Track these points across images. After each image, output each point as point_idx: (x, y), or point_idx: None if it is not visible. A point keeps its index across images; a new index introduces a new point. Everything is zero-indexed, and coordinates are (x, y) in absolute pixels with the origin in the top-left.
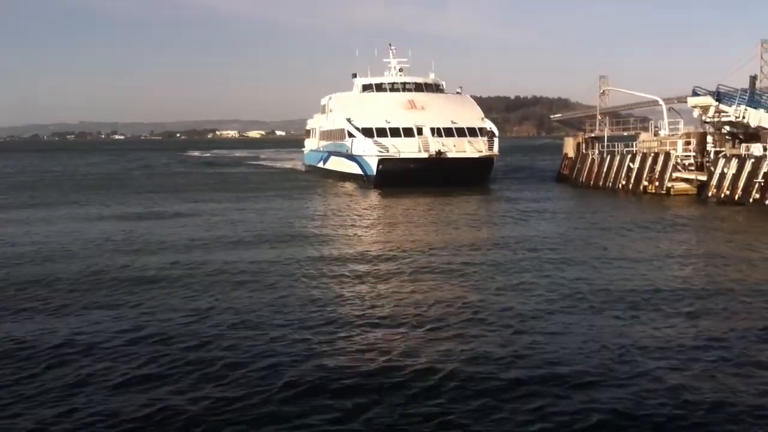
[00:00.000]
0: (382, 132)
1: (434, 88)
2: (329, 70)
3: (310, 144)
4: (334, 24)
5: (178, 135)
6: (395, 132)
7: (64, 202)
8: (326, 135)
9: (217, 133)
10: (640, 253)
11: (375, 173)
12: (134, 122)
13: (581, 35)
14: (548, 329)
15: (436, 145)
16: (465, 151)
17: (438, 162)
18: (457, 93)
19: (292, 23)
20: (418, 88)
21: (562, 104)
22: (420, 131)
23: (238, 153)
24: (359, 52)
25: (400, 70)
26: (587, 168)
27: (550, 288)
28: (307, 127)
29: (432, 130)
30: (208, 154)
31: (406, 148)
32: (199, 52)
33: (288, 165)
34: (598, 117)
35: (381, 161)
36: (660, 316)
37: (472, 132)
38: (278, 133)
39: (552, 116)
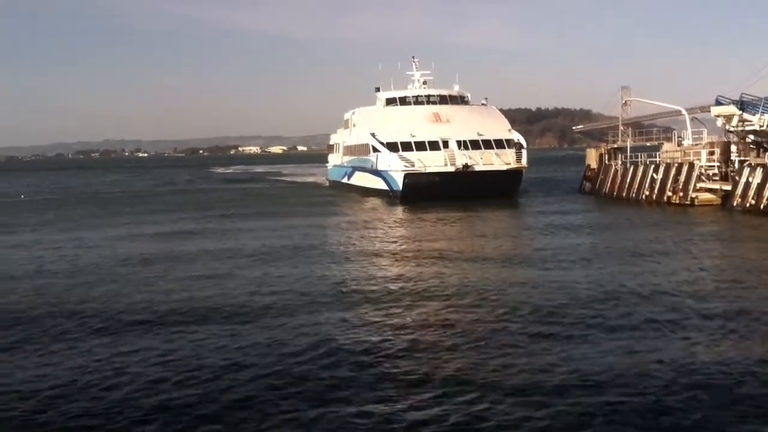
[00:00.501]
0: (407, 146)
1: (459, 100)
2: (350, 85)
3: (334, 159)
4: (354, 38)
5: (200, 151)
6: (420, 146)
7: (93, 222)
8: (350, 150)
9: (240, 149)
10: (677, 264)
11: (401, 188)
12: (157, 139)
13: (602, 46)
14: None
15: (462, 158)
16: (492, 164)
17: (465, 175)
18: (483, 104)
19: (312, 38)
20: (443, 100)
21: (584, 115)
22: (446, 144)
23: (260, 168)
24: (381, 66)
25: (424, 82)
26: (610, 179)
27: (589, 305)
28: (330, 142)
29: (458, 143)
30: (230, 170)
31: (432, 162)
32: (220, 69)
33: (310, 179)
34: (621, 128)
35: (407, 176)
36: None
37: (499, 144)
38: (300, 148)
39: (574, 128)
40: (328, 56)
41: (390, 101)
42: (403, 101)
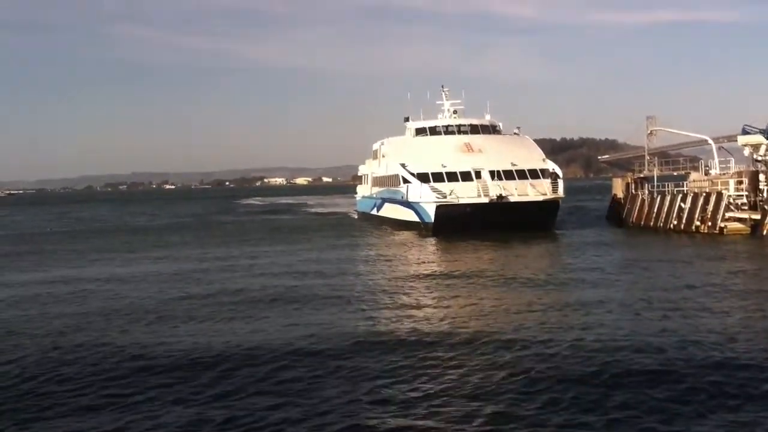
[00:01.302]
0: (438, 177)
1: (491, 129)
2: (374, 117)
3: (363, 190)
4: (378, 70)
5: (227, 183)
6: (452, 176)
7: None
8: (379, 181)
9: (265, 180)
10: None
11: (433, 220)
12: (184, 171)
13: (627, 75)
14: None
15: (495, 188)
16: (527, 195)
17: (499, 207)
18: (515, 134)
19: (337, 70)
20: (474, 129)
21: (609, 145)
22: (478, 175)
23: (287, 200)
24: (410, 95)
25: (455, 112)
26: (637, 208)
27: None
28: (359, 173)
29: (491, 173)
30: (256, 201)
31: (465, 193)
32: (246, 101)
33: (337, 210)
34: (647, 157)
35: (439, 207)
36: None
37: (534, 174)
38: (324, 179)
39: (600, 157)
40: (352, 88)
41: (420, 131)
42: (434, 131)
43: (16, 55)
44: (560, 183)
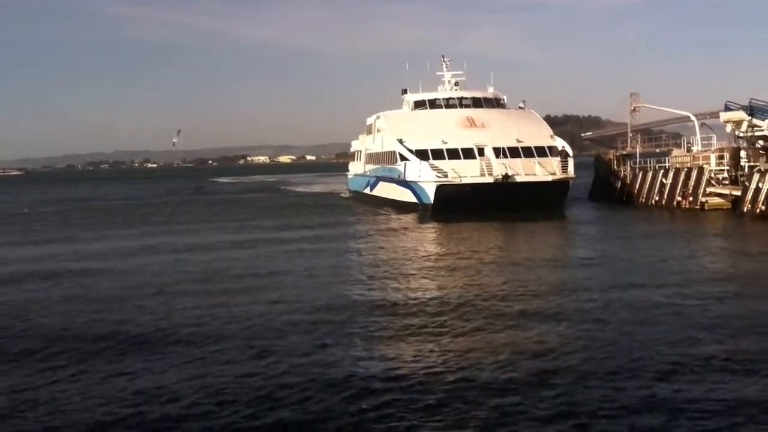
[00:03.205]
0: (438, 154)
1: (494, 102)
2: (359, 95)
3: (355, 168)
4: (363, 48)
5: (209, 161)
6: (453, 154)
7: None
8: (374, 158)
9: (248, 158)
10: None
11: (433, 201)
12: (167, 150)
13: (610, 52)
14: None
15: (500, 167)
16: (535, 174)
17: (505, 187)
18: (520, 108)
19: (319, 48)
20: (477, 103)
21: (593, 122)
22: (481, 152)
23: (271, 178)
24: (408, 66)
25: (456, 84)
26: (620, 185)
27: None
28: (351, 149)
29: (495, 150)
30: (240, 180)
31: (468, 172)
32: (227, 79)
33: (325, 189)
34: (630, 134)
35: (439, 187)
36: None
37: (541, 152)
38: (308, 157)
39: (583, 134)
40: (335, 66)
41: (419, 104)
42: (433, 104)
43: None
44: (570, 162)
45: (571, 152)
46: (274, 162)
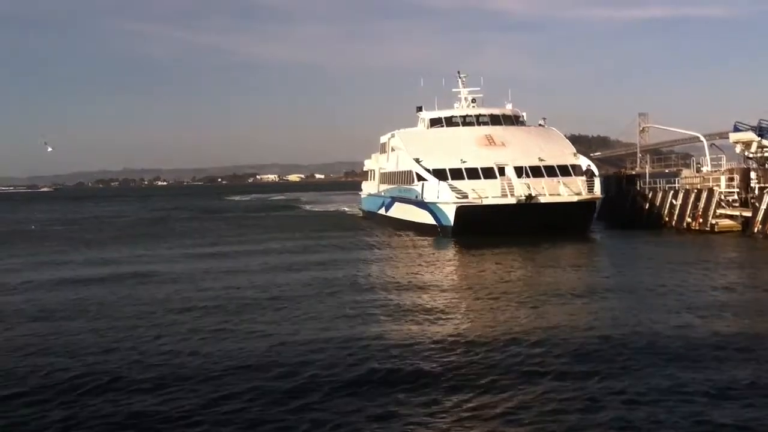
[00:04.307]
0: (457, 174)
1: (514, 120)
2: (369, 114)
3: (369, 187)
4: (368, 65)
5: (219, 180)
6: (473, 173)
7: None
8: (388, 178)
9: (258, 177)
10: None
11: (452, 223)
12: (177, 168)
13: (619, 72)
14: None
15: (523, 187)
16: (559, 194)
17: (529, 208)
18: (540, 125)
19: (329, 66)
20: (495, 120)
21: (601, 142)
22: (502, 171)
23: (279, 196)
24: (423, 82)
25: (473, 100)
26: (629, 205)
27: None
28: (364, 168)
29: (516, 169)
30: (248, 198)
31: (488, 193)
32: (237, 97)
33: (337, 209)
34: (639, 154)
35: (459, 209)
36: None
37: (564, 171)
38: (317, 176)
39: (591, 154)
40: (343, 84)
41: (434, 122)
42: (450, 122)
43: (7, 50)
44: (597, 181)
45: (596, 171)
46: (283, 180)
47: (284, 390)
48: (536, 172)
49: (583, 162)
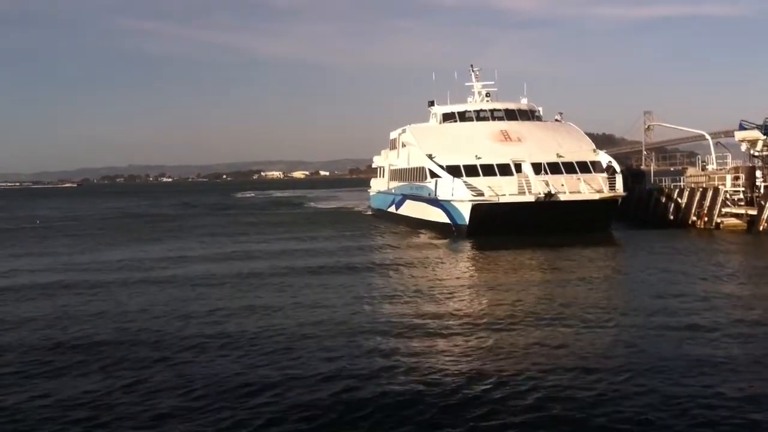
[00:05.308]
0: (471, 170)
1: (529, 115)
2: (374, 111)
3: (378, 185)
4: (373, 62)
5: (224, 176)
6: (488, 170)
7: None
8: (399, 174)
9: (262, 173)
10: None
11: (468, 222)
12: (181, 164)
13: (625, 70)
14: None
15: (541, 185)
16: (580, 192)
17: (548, 206)
18: (557, 120)
19: (334, 64)
20: (510, 115)
21: (607, 140)
22: (518, 168)
23: (286, 193)
24: (435, 76)
25: (487, 95)
26: (634, 203)
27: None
28: (373, 165)
29: (534, 166)
30: (251, 194)
31: (505, 190)
32: (243, 94)
33: (342, 205)
34: (644, 152)
35: (475, 207)
36: None
37: (584, 167)
38: (322, 173)
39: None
40: (348, 81)
41: (447, 117)
42: (463, 117)
43: (15, 47)
44: (618, 178)
45: (618, 168)
46: (288, 177)
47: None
48: (555, 168)
49: (604, 158)
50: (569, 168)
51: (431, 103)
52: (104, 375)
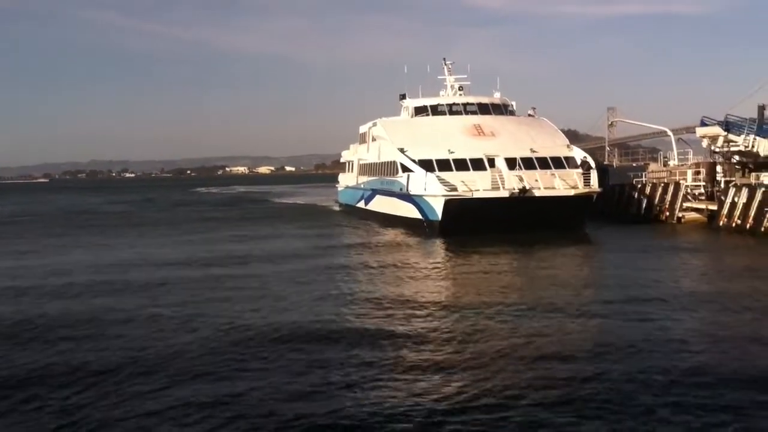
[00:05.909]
0: (444, 165)
1: (503, 109)
2: (341, 106)
3: (346, 180)
4: (341, 58)
5: (188, 172)
6: (461, 164)
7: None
8: (369, 169)
9: (227, 169)
10: None
11: (440, 218)
12: (145, 160)
13: (588, 67)
14: None
15: (515, 180)
16: (554, 188)
17: (523, 202)
18: (530, 115)
19: (301, 60)
20: (484, 109)
21: (571, 136)
22: (492, 163)
23: (253, 189)
24: (407, 68)
25: (460, 88)
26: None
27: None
28: (342, 159)
29: (508, 161)
30: (214, 190)
31: (479, 185)
32: (207, 90)
33: (306, 201)
34: (607, 148)
35: (448, 202)
36: None
37: (558, 163)
38: (287, 168)
39: None
40: (315, 77)
41: (419, 110)
42: (436, 110)
43: None
44: (593, 174)
45: (593, 164)
46: (253, 173)
47: None
48: (529, 164)
49: (578, 154)
50: (543, 163)
51: (403, 97)
52: None
